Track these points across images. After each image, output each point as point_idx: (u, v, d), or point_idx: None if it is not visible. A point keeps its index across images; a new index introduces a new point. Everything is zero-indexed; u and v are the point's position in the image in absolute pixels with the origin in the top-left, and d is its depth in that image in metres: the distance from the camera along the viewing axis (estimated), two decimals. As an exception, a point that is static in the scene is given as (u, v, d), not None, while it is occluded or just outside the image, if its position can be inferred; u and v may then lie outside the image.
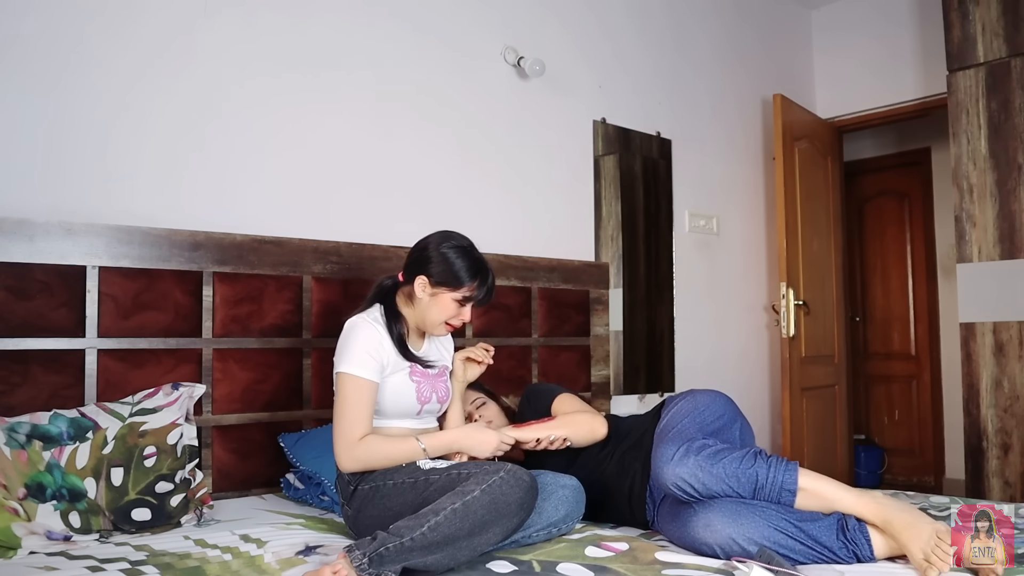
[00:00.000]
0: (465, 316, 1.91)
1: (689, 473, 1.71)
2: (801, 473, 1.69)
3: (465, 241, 1.93)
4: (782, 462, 1.71)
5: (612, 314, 3.44)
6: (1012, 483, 3.27)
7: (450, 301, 1.88)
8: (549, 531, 1.80)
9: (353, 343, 1.83)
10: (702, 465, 1.71)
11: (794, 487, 1.66)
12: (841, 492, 1.68)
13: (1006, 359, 3.30)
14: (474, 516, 1.54)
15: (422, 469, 1.76)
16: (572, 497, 1.86)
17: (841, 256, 4.49)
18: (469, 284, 1.87)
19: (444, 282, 1.87)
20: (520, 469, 1.65)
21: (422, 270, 1.89)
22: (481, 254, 1.93)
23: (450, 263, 1.87)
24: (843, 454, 4.33)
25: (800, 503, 1.67)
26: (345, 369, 1.81)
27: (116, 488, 1.87)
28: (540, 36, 3.31)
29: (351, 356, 1.82)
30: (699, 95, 4.00)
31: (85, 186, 2.21)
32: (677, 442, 1.78)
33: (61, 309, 2.08)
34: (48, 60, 2.16)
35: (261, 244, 2.43)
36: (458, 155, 3.04)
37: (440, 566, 1.53)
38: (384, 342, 1.86)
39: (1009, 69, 3.33)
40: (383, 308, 1.92)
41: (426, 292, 1.89)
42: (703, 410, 1.92)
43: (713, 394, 2.01)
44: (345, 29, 2.74)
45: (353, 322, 1.88)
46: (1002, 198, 3.34)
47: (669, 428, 1.88)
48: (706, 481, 1.69)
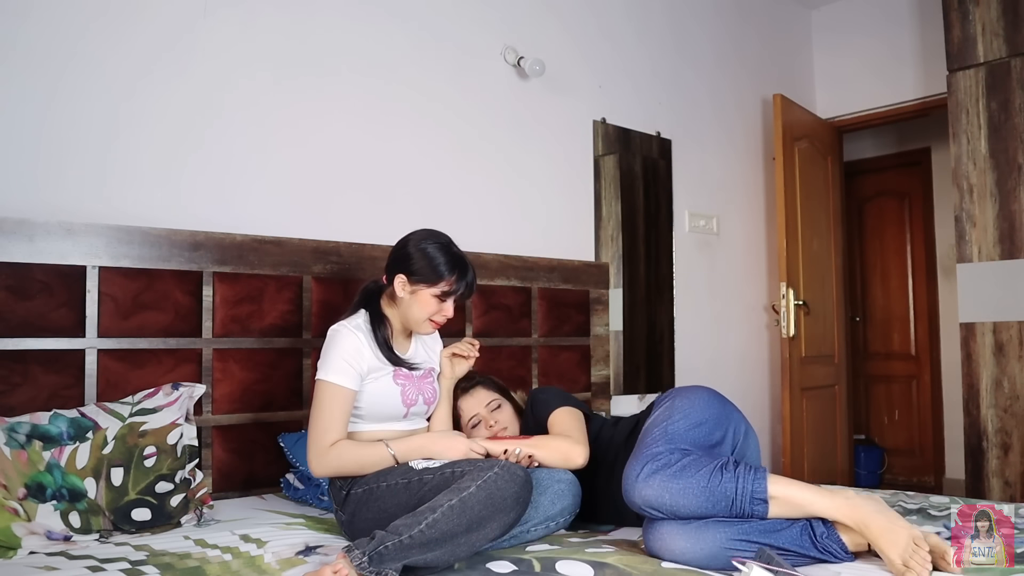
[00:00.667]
0: (447, 312, 1.92)
1: (654, 494, 1.62)
2: (770, 480, 1.61)
3: (443, 237, 1.94)
4: (750, 471, 1.62)
5: (612, 314, 3.44)
6: (1012, 483, 3.27)
7: (430, 297, 1.89)
8: (547, 525, 1.81)
9: (331, 350, 1.86)
10: (667, 485, 1.62)
11: (764, 495, 1.59)
12: (814, 496, 1.61)
13: (1006, 359, 3.30)
14: (471, 512, 1.54)
15: (415, 469, 1.76)
16: (568, 491, 1.86)
17: (841, 256, 4.49)
18: (447, 279, 1.88)
19: (423, 279, 1.88)
20: (514, 465, 1.66)
21: (401, 268, 1.91)
22: (460, 250, 1.94)
23: (428, 259, 1.88)
24: (843, 454, 4.34)
25: (774, 512, 1.60)
26: (321, 376, 1.84)
27: (116, 488, 1.87)
28: (540, 36, 3.31)
29: (328, 363, 1.84)
30: (699, 95, 4.00)
31: (85, 186, 2.21)
32: (644, 458, 1.69)
33: (61, 309, 2.08)
34: (48, 60, 2.16)
35: (261, 244, 2.43)
36: (458, 155, 3.04)
37: (440, 563, 1.54)
38: (364, 349, 1.87)
39: (1009, 69, 3.34)
40: (368, 312, 1.94)
41: (406, 290, 1.90)
42: (678, 419, 1.79)
43: (694, 395, 1.89)
44: (345, 29, 2.74)
45: (334, 329, 1.89)
46: (1002, 198, 3.34)
47: (641, 440, 1.78)
48: (673, 501, 1.61)
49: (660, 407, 1.89)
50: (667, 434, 1.76)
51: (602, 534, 1.91)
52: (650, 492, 1.63)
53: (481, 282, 2.95)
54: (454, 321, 2.83)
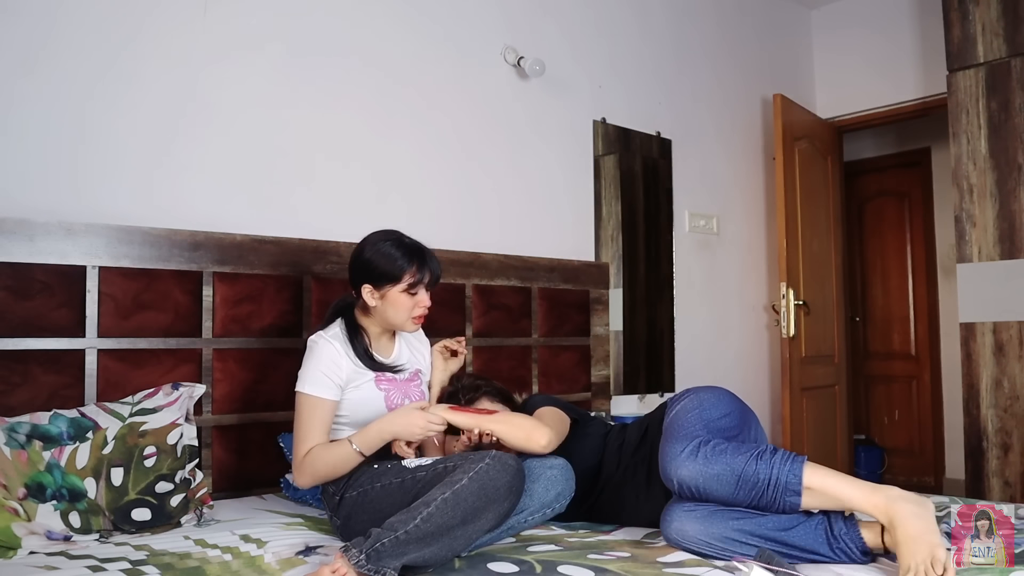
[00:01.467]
0: (424, 302, 1.91)
1: (692, 473, 1.65)
2: (808, 470, 1.59)
3: (392, 234, 1.94)
4: (787, 460, 1.61)
5: (612, 314, 3.44)
6: (1012, 483, 3.27)
7: (400, 295, 1.89)
8: (544, 512, 1.82)
9: (309, 362, 1.87)
10: (703, 469, 1.64)
11: (799, 487, 1.58)
12: (852, 490, 1.58)
13: (1006, 359, 3.30)
14: (465, 504, 1.55)
15: (408, 468, 1.76)
16: (561, 476, 1.85)
17: (841, 256, 4.49)
18: (409, 270, 1.88)
19: (386, 279, 1.88)
20: (505, 455, 1.66)
21: (363, 278, 1.91)
22: (413, 240, 1.93)
23: (384, 258, 1.88)
24: (843, 454, 4.33)
25: (807, 503, 1.59)
26: (299, 388, 1.86)
27: (116, 488, 1.87)
28: (540, 36, 3.31)
29: (305, 375, 1.86)
30: (699, 95, 4.00)
31: (85, 186, 2.21)
32: (685, 439, 1.72)
33: (61, 309, 2.08)
34: (47, 61, 2.16)
35: (261, 244, 2.43)
36: (458, 155, 3.04)
37: (438, 559, 1.54)
38: (340, 359, 1.88)
39: (1009, 69, 3.33)
40: (343, 322, 1.94)
41: (375, 297, 1.90)
42: (708, 408, 1.85)
43: (716, 391, 1.95)
44: (345, 29, 2.74)
45: (312, 340, 1.90)
46: (1002, 198, 3.34)
47: (676, 425, 1.80)
48: (707, 485, 1.63)
49: (685, 398, 1.93)
50: (702, 419, 1.81)
51: (603, 533, 1.91)
52: (687, 472, 1.66)
53: (481, 282, 2.95)
54: (454, 321, 2.84)
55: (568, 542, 1.79)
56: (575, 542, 1.79)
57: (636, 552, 1.70)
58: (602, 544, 1.77)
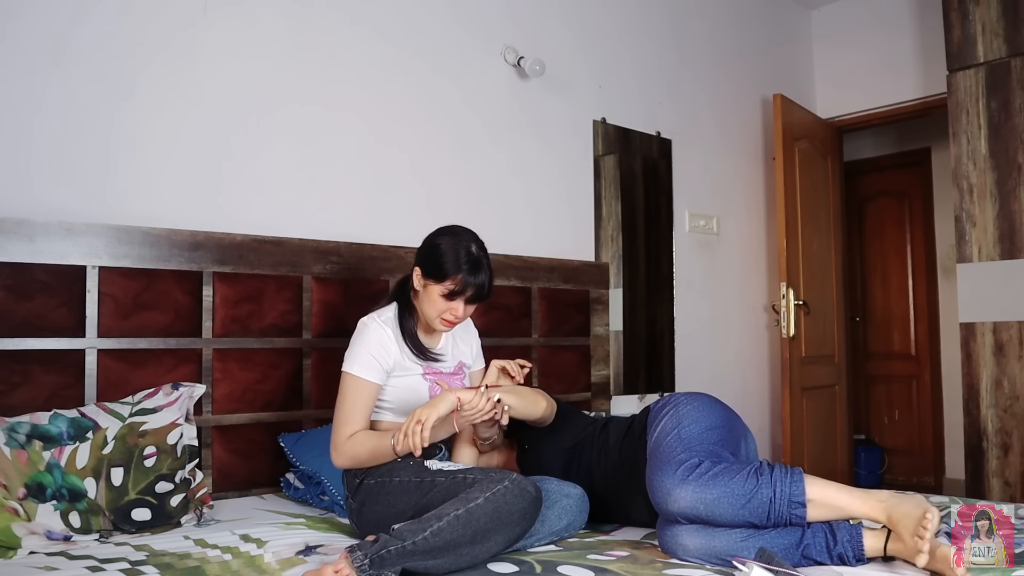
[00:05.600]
0: (456, 312, 1.88)
1: (690, 505, 1.60)
2: (807, 482, 1.59)
3: (464, 236, 1.90)
4: (786, 474, 1.59)
5: (612, 314, 3.44)
6: (1012, 483, 3.27)
7: (437, 295, 1.88)
8: (551, 539, 1.80)
9: (358, 344, 1.87)
10: (702, 495, 1.59)
11: (803, 498, 1.57)
12: (849, 499, 1.59)
13: (1006, 359, 3.30)
14: (477, 523, 1.54)
15: (429, 469, 1.76)
16: (576, 507, 1.85)
17: (841, 256, 4.49)
18: (452, 277, 1.85)
19: (431, 274, 1.88)
20: (525, 479, 1.64)
21: (418, 260, 1.93)
22: (480, 252, 1.89)
23: (437, 255, 1.87)
24: (843, 454, 4.33)
25: (811, 515, 1.58)
26: (346, 369, 1.86)
27: (116, 488, 1.87)
28: (540, 36, 3.31)
29: (353, 356, 1.86)
30: (699, 95, 4.00)
31: (85, 186, 2.21)
32: (672, 466, 1.66)
33: (61, 309, 2.08)
34: (48, 61, 2.16)
35: (261, 244, 2.43)
36: (458, 155, 3.04)
37: (441, 570, 1.54)
38: (391, 345, 1.88)
39: (1009, 69, 3.33)
40: (397, 304, 1.95)
41: (419, 283, 1.91)
42: (688, 424, 1.77)
43: (696, 400, 1.87)
44: (345, 29, 2.74)
45: (363, 322, 1.91)
46: (1002, 198, 3.34)
47: (658, 453, 1.74)
48: (709, 511, 1.59)
49: (665, 416, 1.85)
50: (682, 439, 1.73)
51: (604, 534, 1.91)
52: (685, 503, 1.60)
53: (481, 282, 2.95)
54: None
55: (568, 542, 1.79)
56: (575, 542, 1.79)
57: (636, 552, 1.70)
58: (602, 544, 1.78)
